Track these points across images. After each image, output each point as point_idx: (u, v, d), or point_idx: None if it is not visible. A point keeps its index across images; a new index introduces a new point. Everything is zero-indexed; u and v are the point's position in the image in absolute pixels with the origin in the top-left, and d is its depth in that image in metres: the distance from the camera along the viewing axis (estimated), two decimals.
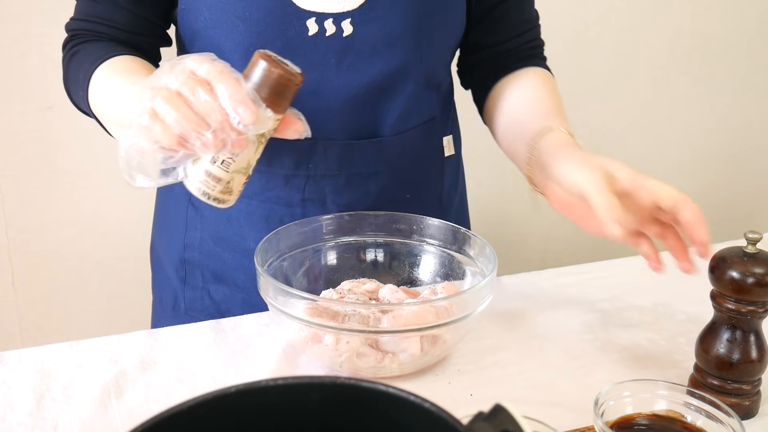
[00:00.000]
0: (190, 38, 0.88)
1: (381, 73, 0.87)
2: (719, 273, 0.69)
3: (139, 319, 1.64)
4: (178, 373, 0.76)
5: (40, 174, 1.50)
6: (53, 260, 1.58)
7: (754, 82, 2.15)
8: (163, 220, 1.03)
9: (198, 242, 0.96)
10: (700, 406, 0.65)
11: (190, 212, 0.96)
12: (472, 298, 0.74)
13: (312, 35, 0.83)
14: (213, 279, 0.96)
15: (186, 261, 0.97)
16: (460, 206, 1.06)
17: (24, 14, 1.39)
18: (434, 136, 0.97)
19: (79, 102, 0.89)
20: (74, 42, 0.89)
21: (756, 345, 0.70)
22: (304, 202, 0.91)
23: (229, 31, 0.83)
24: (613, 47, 1.93)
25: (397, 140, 0.92)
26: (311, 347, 0.75)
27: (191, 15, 0.86)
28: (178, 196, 0.97)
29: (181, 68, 0.65)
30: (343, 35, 0.84)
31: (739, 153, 2.23)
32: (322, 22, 0.83)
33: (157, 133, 0.65)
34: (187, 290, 0.98)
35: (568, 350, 0.82)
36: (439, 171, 0.99)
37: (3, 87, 1.42)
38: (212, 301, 0.96)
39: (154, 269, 1.07)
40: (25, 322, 1.60)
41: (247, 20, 0.82)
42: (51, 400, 0.71)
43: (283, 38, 0.83)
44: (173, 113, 0.63)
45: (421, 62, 0.89)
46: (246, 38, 0.83)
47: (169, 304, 1.01)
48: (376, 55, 0.86)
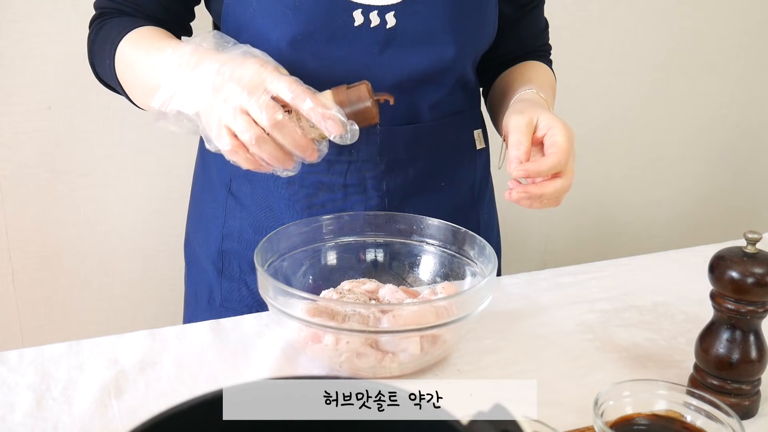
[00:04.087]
0: (235, 29, 0.90)
1: (421, 65, 0.90)
2: (719, 273, 0.69)
3: (139, 319, 1.64)
4: (178, 373, 0.76)
5: (40, 174, 1.50)
6: (53, 260, 1.58)
7: (754, 82, 2.15)
8: (200, 212, 1.05)
9: (237, 232, 0.97)
10: (699, 406, 0.65)
11: (230, 202, 0.97)
12: (472, 298, 0.74)
13: (357, 26, 0.87)
14: (250, 269, 0.97)
15: (224, 252, 0.99)
16: (490, 201, 1.10)
17: (24, 14, 1.39)
18: (465, 129, 1.02)
19: (104, 73, 0.91)
20: (102, 19, 0.92)
21: (755, 345, 0.70)
22: (346, 188, 0.93)
23: (278, 21, 0.86)
24: (612, 47, 1.93)
25: (433, 127, 0.95)
26: (311, 347, 0.75)
27: (239, 7, 0.88)
28: (216, 187, 0.99)
29: (262, 93, 0.72)
30: (387, 27, 0.87)
31: (739, 153, 2.23)
32: (368, 14, 0.87)
33: (240, 161, 0.74)
34: (224, 282, 0.99)
35: (568, 350, 0.82)
36: (471, 162, 1.03)
37: (3, 87, 1.42)
38: (249, 292, 0.98)
39: (189, 263, 1.08)
40: (25, 322, 1.60)
41: (297, 9, 0.85)
42: (51, 400, 0.71)
43: (330, 28, 0.86)
44: (263, 155, 0.73)
45: (459, 58, 0.93)
46: (294, 27, 0.86)
47: (204, 297, 1.02)
48: (417, 47, 0.89)
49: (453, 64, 0.93)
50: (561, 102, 1.47)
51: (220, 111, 0.72)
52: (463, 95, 0.99)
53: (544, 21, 1.09)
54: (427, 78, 0.92)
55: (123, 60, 0.86)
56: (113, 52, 0.87)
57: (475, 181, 1.04)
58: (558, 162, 0.79)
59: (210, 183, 1.01)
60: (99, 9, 0.94)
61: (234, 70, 0.73)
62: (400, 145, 0.93)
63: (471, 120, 1.02)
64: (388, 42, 0.88)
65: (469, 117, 1.02)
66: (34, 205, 1.52)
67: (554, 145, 0.80)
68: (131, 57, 0.85)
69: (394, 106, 0.90)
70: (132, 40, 0.86)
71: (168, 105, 0.77)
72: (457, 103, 0.98)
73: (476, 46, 0.95)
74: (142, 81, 0.84)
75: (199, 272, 1.04)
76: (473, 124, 1.03)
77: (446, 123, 0.97)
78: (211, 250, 1.00)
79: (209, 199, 1.01)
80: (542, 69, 1.04)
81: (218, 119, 0.73)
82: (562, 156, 0.80)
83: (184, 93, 0.76)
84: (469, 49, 0.94)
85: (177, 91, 0.76)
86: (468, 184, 1.03)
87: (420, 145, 0.95)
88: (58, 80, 1.43)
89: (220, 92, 0.73)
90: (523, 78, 0.99)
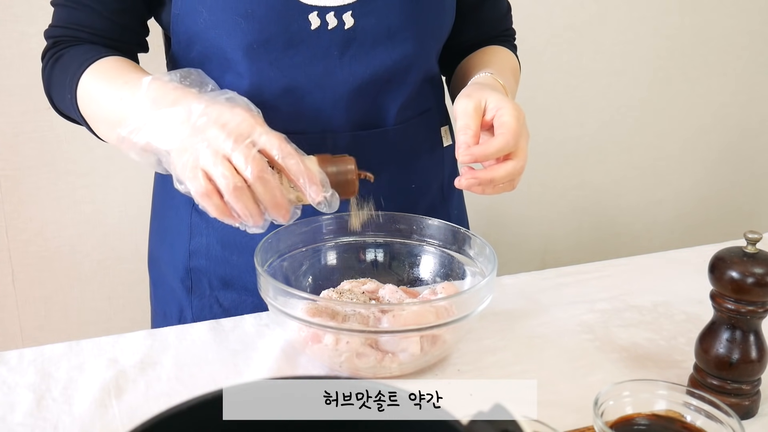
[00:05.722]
0: (187, 42, 0.88)
1: (383, 65, 0.88)
2: (719, 273, 0.69)
3: (139, 319, 1.64)
4: (178, 373, 0.76)
5: (40, 174, 1.50)
6: (53, 260, 1.58)
7: (754, 82, 2.15)
8: (163, 230, 1.02)
9: (205, 248, 0.95)
10: (699, 406, 0.65)
11: (195, 218, 0.94)
12: (472, 298, 0.74)
13: (315, 29, 0.84)
14: (221, 285, 0.95)
15: (192, 270, 0.96)
16: (459, 198, 1.08)
17: (24, 14, 1.39)
18: (432, 127, 1.00)
19: (64, 106, 0.87)
20: (57, 48, 0.88)
21: (755, 345, 0.70)
22: None
23: (231, 30, 0.83)
24: (612, 47, 1.93)
25: (400, 130, 0.93)
26: (311, 347, 0.75)
27: (188, 18, 0.86)
28: (179, 204, 0.96)
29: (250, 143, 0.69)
30: (345, 28, 0.85)
31: (739, 153, 2.23)
32: (324, 16, 0.84)
33: (210, 207, 0.70)
34: (194, 300, 0.97)
35: (568, 350, 0.82)
36: (439, 160, 1.01)
37: (3, 87, 1.42)
38: (221, 308, 0.95)
39: (155, 283, 1.05)
40: (25, 322, 1.60)
41: (250, 17, 0.82)
42: (51, 400, 0.71)
43: (286, 33, 0.84)
44: (237, 206, 0.69)
45: (422, 54, 0.91)
46: (248, 35, 0.83)
47: (174, 316, 0.99)
48: (378, 47, 0.87)
49: (416, 60, 0.90)
50: (561, 102, 1.49)
51: (199, 153, 0.68)
52: (430, 89, 0.98)
53: (506, 5, 1.05)
54: (391, 78, 0.89)
55: (87, 94, 0.82)
56: (74, 87, 0.83)
57: (444, 179, 1.02)
58: (506, 143, 0.76)
59: (172, 199, 0.97)
60: (51, 38, 0.89)
61: (221, 114, 0.70)
62: (367, 149, 0.90)
63: (438, 116, 1.01)
64: (348, 43, 0.85)
65: (436, 113, 1.00)
66: (34, 205, 1.52)
67: (503, 125, 0.77)
68: (96, 91, 0.81)
69: (359, 109, 0.89)
70: (96, 72, 0.82)
71: (136, 135, 0.73)
72: (425, 99, 0.96)
73: (437, 37, 0.93)
74: (107, 115, 0.80)
75: (166, 291, 1.01)
76: (440, 120, 1.01)
77: (414, 124, 0.95)
78: (178, 269, 0.97)
79: (172, 215, 0.98)
80: (502, 53, 1.01)
81: (194, 160, 0.69)
82: (510, 137, 0.76)
83: (158, 127, 0.72)
84: (432, 42, 0.92)
85: (149, 123, 0.72)
86: (437, 182, 1.01)
87: (388, 148, 0.93)
88: None
89: (201, 133, 0.69)
90: (482, 62, 0.96)
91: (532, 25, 1.76)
